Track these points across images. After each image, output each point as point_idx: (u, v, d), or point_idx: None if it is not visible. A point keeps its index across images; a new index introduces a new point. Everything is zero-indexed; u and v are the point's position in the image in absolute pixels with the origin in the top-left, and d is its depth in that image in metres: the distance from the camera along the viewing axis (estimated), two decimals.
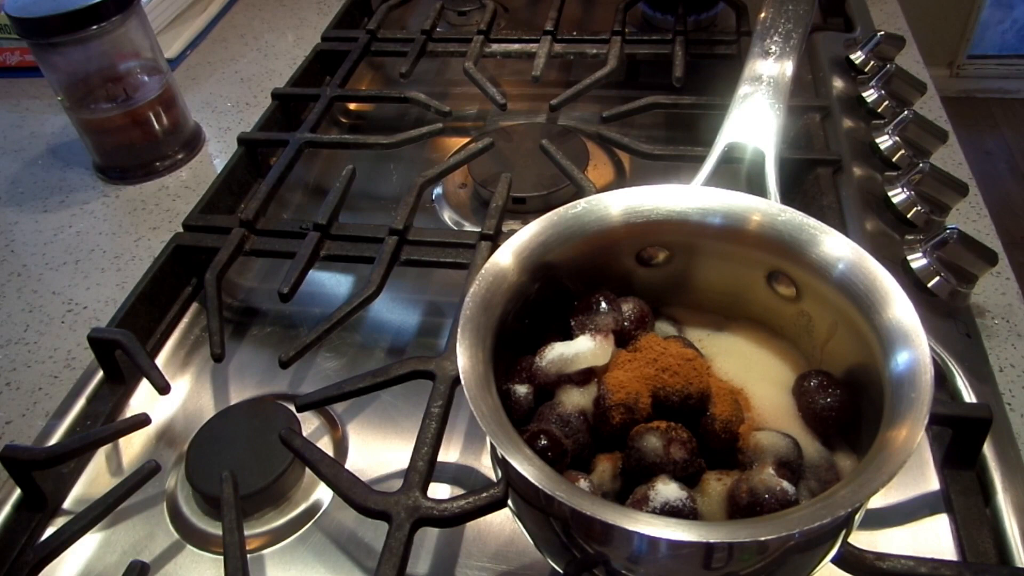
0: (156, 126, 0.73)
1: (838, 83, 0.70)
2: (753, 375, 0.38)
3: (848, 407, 0.35)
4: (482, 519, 0.41)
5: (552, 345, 0.37)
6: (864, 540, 0.41)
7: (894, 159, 0.61)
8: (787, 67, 0.53)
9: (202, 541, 0.45)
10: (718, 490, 0.33)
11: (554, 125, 0.72)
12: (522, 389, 0.36)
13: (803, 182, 0.61)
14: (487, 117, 0.78)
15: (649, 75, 0.82)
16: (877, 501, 0.43)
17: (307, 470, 0.47)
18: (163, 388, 0.48)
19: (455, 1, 0.90)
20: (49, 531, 0.45)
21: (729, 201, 0.38)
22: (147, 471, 0.44)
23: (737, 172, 0.53)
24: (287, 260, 0.57)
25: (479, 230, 0.57)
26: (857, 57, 0.72)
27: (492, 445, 0.36)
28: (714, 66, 0.77)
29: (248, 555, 0.41)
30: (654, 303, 0.40)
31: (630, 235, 0.39)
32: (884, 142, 0.62)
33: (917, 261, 0.52)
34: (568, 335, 0.38)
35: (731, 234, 0.38)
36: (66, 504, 0.48)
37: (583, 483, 0.33)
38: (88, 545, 0.45)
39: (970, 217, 0.60)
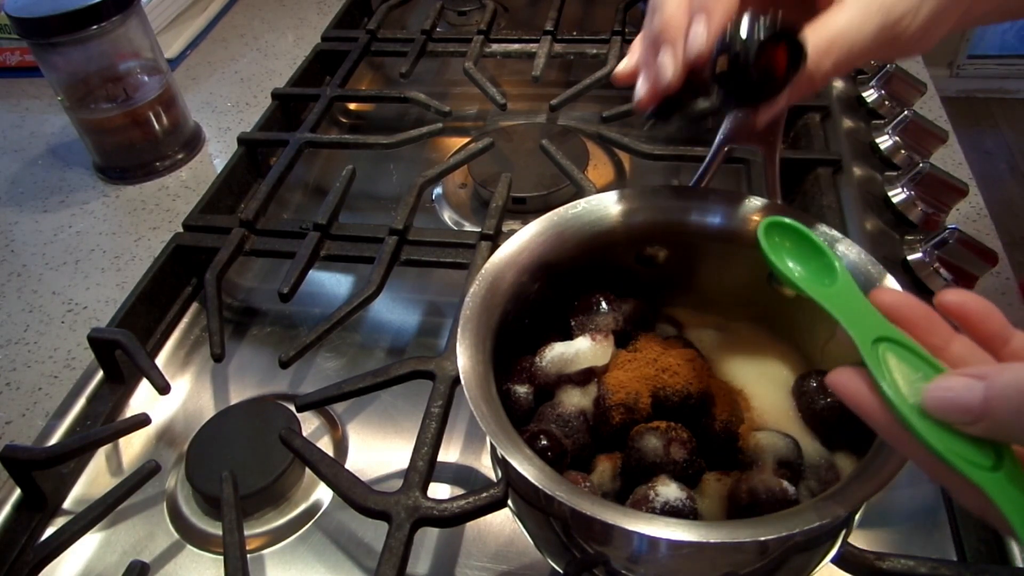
0: (156, 126, 0.73)
1: (838, 83, 0.69)
2: (753, 375, 0.38)
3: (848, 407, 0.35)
4: (482, 519, 0.42)
5: (552, 345, 0.37)
6: (864, 540, 0.41)
7: (894, 159, 0.61)
8: None
9: (202, 541, 0.45)
10: (718, 490, 0.33)
11: (554, 125, 0.72)
12: (522, 389, 0.36)
13: (803, 182, 0.61)
14: (487, 117, 0.78)
15: None
16: (877, 501, 0.43)
17: (307, 470, 0.47)
18: (163, 388, 0.48)
19: (455, 1, 0.90)
20: (49, 531, 0.45)
21: (729, 201, 0.38)
22: (147, 471, 0.44)
23: (737, 172, 0.53)
24: (287, 260, 0.57)
25: (479, 230, 0.57)
26: None
27: (492, 445, 0.36)
28: None
29: (248, 555, 0.41)
30: (654, 303, 0.40)
31: (630, 235, 0.39)
32: (884, 142, 0.62)
33: (917, 261, 0.52)
34: (568, 335, 0.38)
35: (731, 234, 0.38)
36: (66, 504, 0.48)
37: (583, 483, 0.33)
38: (88, 545, 0.45)
39: (970, 217, 0.60)
